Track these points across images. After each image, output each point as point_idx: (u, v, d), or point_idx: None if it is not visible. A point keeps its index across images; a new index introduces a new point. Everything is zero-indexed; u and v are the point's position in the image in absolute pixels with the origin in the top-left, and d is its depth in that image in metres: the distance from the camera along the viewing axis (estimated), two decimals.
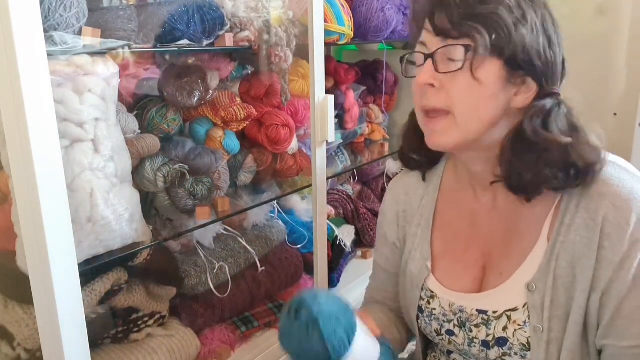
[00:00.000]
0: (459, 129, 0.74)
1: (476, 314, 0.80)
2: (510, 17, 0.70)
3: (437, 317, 0.85)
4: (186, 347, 1.12)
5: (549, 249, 0.75)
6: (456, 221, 0.87)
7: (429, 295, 0.86)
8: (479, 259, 0.83)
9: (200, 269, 1.18)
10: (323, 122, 1.23)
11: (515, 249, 0.79)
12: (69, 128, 0.84)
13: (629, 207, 0.70)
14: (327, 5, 1.34)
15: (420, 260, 0.88)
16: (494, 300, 0.78)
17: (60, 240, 0.76)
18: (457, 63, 0.71)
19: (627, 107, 1.75)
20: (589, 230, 0.72)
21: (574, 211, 0.74)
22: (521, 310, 0.76)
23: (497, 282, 0.79)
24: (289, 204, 1.54)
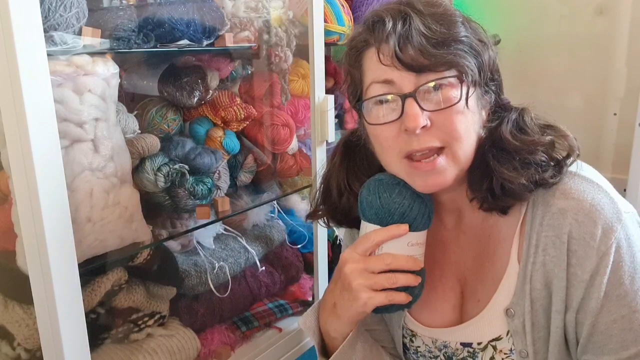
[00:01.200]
0: (456, 163, 0.69)
1: (461, 347, 0.78)
2: (471, 37, 0.68)
3: (423, 354, 0.83)
4: (186, 347, 1.11)
5: (521, 271, 0.72)
6: (426, 250, 0.81)
7: (410, 334, 0.84)
8: (455, 285, 0.80)
9: (200, 269, 1.18)
10: (323, 122, 1.23)
11: (488, 273, 0.76)
12: (69, 128, 0.84)
13: (592, 221, 0.67)
14: (327, 5, 1.34)
15: None
16: (476, 331, 0.76)
17: (60, 240, 0.76)
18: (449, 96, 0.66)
19: (627, 107, 1.75)
20: (556, 249, 0.69)
21: (539, 230, 0.71)
22: (505, 338, 0.74)
23: (476, 310, 0.76)
24: (289, 204, 1.54)
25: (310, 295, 1.40)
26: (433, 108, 0.66)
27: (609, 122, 1.83)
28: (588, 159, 0.74)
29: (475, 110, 0.69)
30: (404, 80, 0.66)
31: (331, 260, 1.45)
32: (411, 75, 0.66)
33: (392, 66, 0.66)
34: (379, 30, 0.67)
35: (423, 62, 0.65)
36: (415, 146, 0.67)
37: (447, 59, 0.65)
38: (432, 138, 0.67)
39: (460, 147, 0.68)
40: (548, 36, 1.92)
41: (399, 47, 0.65)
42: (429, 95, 0.66)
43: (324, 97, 1.23)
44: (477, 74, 0.67)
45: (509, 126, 0.71)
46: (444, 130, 0.67)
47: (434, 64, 0.65)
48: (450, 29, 0.66)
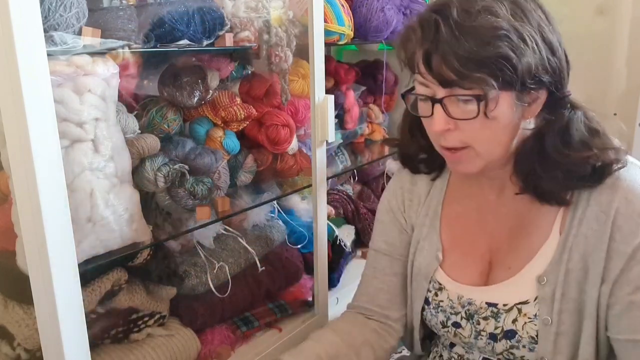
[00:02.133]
0: (481, 158, 0.75)
1: (485, 306, 0.80)
2: (511, 49, 0.67)
3: (444, 309, 0.85)
4: (186, 347, 1.11)
5: (561, 242, 0.75)
6: (463, 215, 0.87)
7: (437, 287, 0.86)
8: (486, 253, 0.83)
9: (200, 269, 1.18)
10: (323, 122, 1.23)
11: (524, 244, 0.79)
12: (69, 128, 0.84)
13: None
14: (327, 5, 1.34)
15: (429, 251, 0.88)
16: (504, 294, 0.79)
17: (60, 240, 0.76)
18: (469, 110, 0.70)
19: (627, 107, 1.75)
20: (600, 223, 0.72)
21: (585, 205, 0.74)
22: (532, 303, 0.76)
23: (505, 276, 0.80)
24: (289, 204, 1.54)
25: (310, 295, 1.40)
26: (458, 116, 0.72)
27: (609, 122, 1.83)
28: None
29: (507, 113, 0.72)
30: (435, 87, 0.72)
31: (331, 260, 1.45)
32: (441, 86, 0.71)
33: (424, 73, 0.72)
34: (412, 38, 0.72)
35: (449, 77, 0.69)
36: (442, 142, 0.76)
37: (472, 79, 0.68)
38: (455, 140, 0.74)
39: (483, 147, 0.74)
40: None
41: (427, 60, 0.70)
42: (457, 103, 0.71)
43: (324, 97, 1.23)
44: (508, 85, 0.68)
45: (553, 137, 0.74)
46: (468, 135, 0.73)
47: (459, 82, 0.69)
48: (481, 45, 0.66)
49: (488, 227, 0.84)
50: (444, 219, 0.89)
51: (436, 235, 0.88)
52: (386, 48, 1.69)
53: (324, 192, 1.29)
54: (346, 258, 1.59)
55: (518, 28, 0.68)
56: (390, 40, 1.59)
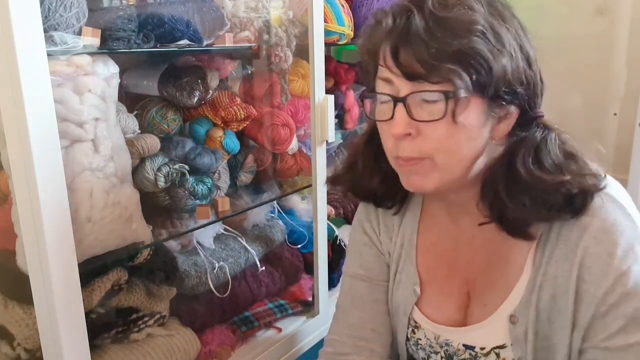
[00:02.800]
0: (439, 172, 0.67)
1: (463, 349, 0.77)
2: (487, 48, 0.62)
3: (424, 347, 0.82)
4: (186, 347, 1.11)
5: (531, 281, 0.71)
6: (438, 246, 0.82)
7: (414, 325, 0.83)
8: (463, 285, 0.79)
9: (200, 269, 1.18)
10: (323, 122, 1.23)
11: (499, 280, 0.75)
12: (69, 128, 0.84)
13: (611, 240, 0.66)
14: (327, 5, 1.34)
15: (406, 284, 0.83)
16: (481, 336, 0.75)
17: (60, 240, 0.76)
18: (436, 111, 0.63)
19: (627, 107, 1.75)
20: (569, 263, 0.68)
21: (554, 243, 0.70)
22: (509, 347, 0.73)
23: (482, 315, 0.75)
24: (289, 204, 1.54)
25: (310, 295, 1.40)
26: (422, 118, 0.65)
27: (609, 123, 1.83)
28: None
29: (475, 125, 0.65)
30: (401, 83, 0.65)
31: (331, 260, 1.45)
32: (407, 82, 0.64)
33: (389, 68, 0.65)
34: (379, 29, 0.66)
35: (418, 71, 0.63)
36: (400, 153, 0.68)
37: (441, 73, 0.61)
38: (415, 148, 0.66)
39: (444, 159, 0.66)
40: (548, 36, 1.91)
41: (395, 50, 0.64)
42: (421, 104, 0.65)
43: (324, 97, 1.23)
44: (480, 89, 0.63)
45: (525, 157, 0.68)
46: (429, 143, 0.66)
47: (427, 75, 0.62)
48: (457, 37, 0.61)
49: (463, 257, 0.79)
50: (419, 249, 0.83)
51: (413, 267, 0.83)
52: None
53: (324, 192, 1.30)
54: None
55: (495, 28, 0.63)
56: None
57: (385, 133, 0.70)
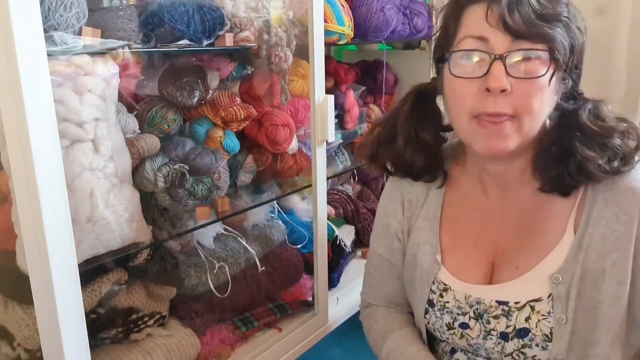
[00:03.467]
0: (522, 133, 0.71)
1: (496, 305, 0.79)
2: (571, 20, 0.71)
3: (451, 310, 0.84)
4: (186, 347, 1.11)
5: (576, 241, 0.75)
6: (464, 217, 0.86)
7: (442, 289, 0.85)
8: (490, 255, 0.82)
9: (200, 269, 1.18)
10: (323, 122, 1.23)
11: (534, 244, 0.78)
12: (69, 128, 0.84)
13: None
14: (327, 5, 1.34)
15: (429, 254, 0.87)
16: (515, 292, 0.78)
17: (60, 240, 0.76)
18: (535, 69, 0.69)
19: (627, 107, 1.75)
20: (622, 224, 0.73)
21: (602, 204, 0.74)
22: (545, 300, 0.76)
23: (512, 275, 0.79)
24: (289, 204, 1.54)
25: (310, 295, 1.40)
26: (518, 75, 0.69)
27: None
28: None
29: (554, 91, 0.72)
30: (499, 41, 0.69)
31: (331, 260, 1.45)
32: (507, 39, 0.68)
33: (495, 27, 0.69)
34: None
35: (523, 30, 0.68)
36: (489, 108, 0.70)
37: (546, 33, 0.67)
38: (507, 105, 0.70)
39: (529, 121, 0.71)
40: None
41: (508, 9, 0.68)
42: (517, 64, 0.69)
43: (324, 97, 1.23)
44: (567, 57, 0.70)
45: (586, 114, 0.74)
46: (521, 101, 0.69)
47: (532, 34, 0.68)
48: (556, 7, 0.69)
49: (492, 229, 0.83)
50: (443, 222, 0.87)
51: (435, 238, 0.86)
52: (386, 48, 1.69)
53: (324, 192, 1.30)
54: (346, 258, 1.59)
55: (574, 8, 0.72)
56: (390, 40, 1.59)
57: (465, 91, 0.72)
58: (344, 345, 1.74)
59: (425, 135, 0.84)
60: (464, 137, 0.77)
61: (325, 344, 1.41)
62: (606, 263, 0.73)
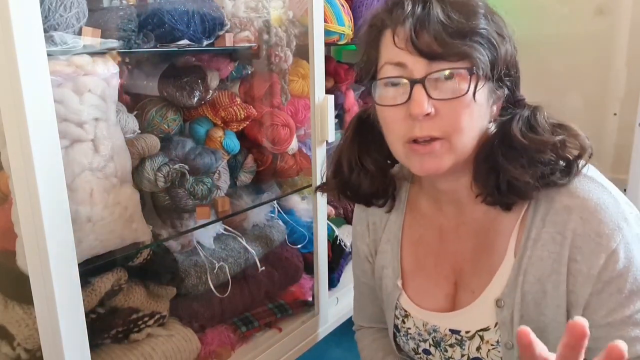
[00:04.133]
0: (454, 152, 0.69)
1: (449, 333, 0.79)
2: (493, 30, 0.68)
3: (413, 336, 0.83)
4: (186, 347, 1.11)
5: (516, 264, 0.73)
6: (425, 237, 0.84)
7: (403, 315, 0.84)
8: (450, 274, 0.81)
9: (200, 269, 1.18)
10: (323, 122, 1.23)
11: (485, 265, 0.77)
12: (69, 128, 0.84)
13: (597, 219, 0.68)
14: (327, 5, 1.34)
15: (391, 277, 0.86)
16: (466, 320, 0.77)
17: (60, 240, 0.76)
18: (456, 89, 0.66)
19: (627, 107, 1.75)
20: (557, 245, 0.70)
21: (540, 225, 0.72)
22: (493, 330, 0.74)
23: (469, 300, 0.77)
24: (289, 204, 1.54)
25: (310, 295, 1.40)
26: (440, 97, 0.67)
27: (609, 122, 1.83)
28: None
29: (484, 104, 0.70)
30: (416, 65, 0.67)
31: (331, 260, 1.45)
32: (423, 61, 0.66)
33: (406, 50, 0.67)
34: (397, 12, 0.68)
35: (436, 50, 0.65)
36: (417, 132, 0.68)
37: (461, 50, 0.65)
38: (434, 127, 0.68)
39: (459, 139, 0.69)
40: (548, 36, 1.92)
41: (414, 32, 0.66)
42: (439, 84, 0.67)
43: (324, 97, 1.23)
44: (490, 69, 0.67)
45: (519, 124, 0.71)
46: (448, 121, 0.68)
47: (447, 54, 0.65)
48: (470, 19, 0.66)
49: (450, 247, 0.81)
50: (405, 244, 0.86)
51: (397, 262, 0.85)
52: None
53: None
54: (346, 258, 1.59)
55: (493, 14, 0.70)
56: None
57: (394, 118, 0.71)
58: (344, 345, 1.73)
59: (368, 162, 0.81)
60: (401, 161, 0.75)
61: (325, 344, 1.41)
62: (546, 286, 0.71)
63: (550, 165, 0.70)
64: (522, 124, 0.71)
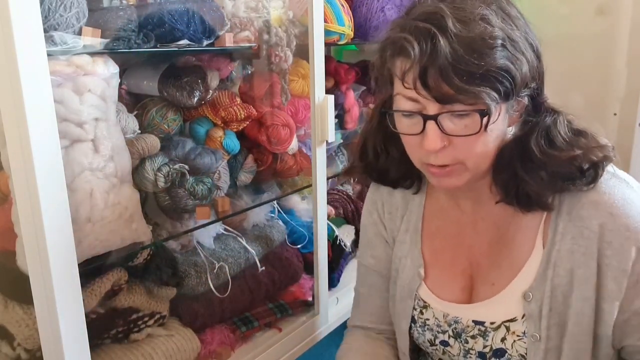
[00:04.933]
0: (470, 172, 0.72)
1: (472, 324, 0.79)
2: (509, 59, 0.64)
3: (431, 327, 0.83)
4: (186, 347, 1.11)
5: (545, 257, 0.74)
6: (442, 230, 0.85)
7: (422, 305, 0.84)
8: (466, 268, 0.82)
9: (200, 269, 1.18)
10: (323, 122, 1.23)
11: (507, 259, 0.77)
12: (69, 128, 0.84)
13: (625, 214, 0.70)
14: (327, 5, 1.34)
15: (411, 267, 0.86)
16: (490, 311, 0.77)
17: (60, 240, 0.76)
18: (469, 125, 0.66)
19: (627, 107, 1.75)
20: (585, 239, 0.71)
21: (567, 219, 0.73)
22: (520, 321, 0.75)
23: (489, 293, 0.78)
24: (289, 204, 1.54)
25: (310, 295, 1.40)
26: (454, 132, 0.67)
27: (609, 122, 1.83)
28: None
29: (500, 126, 0.70)
30: (429, 102, 0.67)
31: (331, 260, 1.45)
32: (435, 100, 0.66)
33: (416, 89, 0.66)
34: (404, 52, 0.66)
35: (447, 93, 0.64)
36: (432, 161, 0.71)
37: (473, 93, 0.63)
38: (448, 157, 0.69)
39: (475, 163, 0.71)
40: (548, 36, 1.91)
41: (422, 73, 0.64)
42: (452, 118, 0.67)
43: (324, 97, 1.23)
44: (506, 98, 0.66)
45: (538, 138, 0.71)
46: (462, 152, 0.69)
47: (458, 96, 0.64)
48: (482, 57, 0.63)
49: (467, 241, 0.82)
50: (424, 234, 0.87)
51: (417, 251, 0.86)
52: None
53: (324, 192, 1.29)
54: (346, 258, 1.59)
55: (512, 37, 0.66)
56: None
57: (412, 144, 0.73)
58: None
59: (393, 150, 0.83)
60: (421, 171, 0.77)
61: (325, 344, 1.41)
62: (575, 279, 0.72)
63: (570, 178, 0.71)
64: (541, 136, 0.72)
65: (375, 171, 0.87)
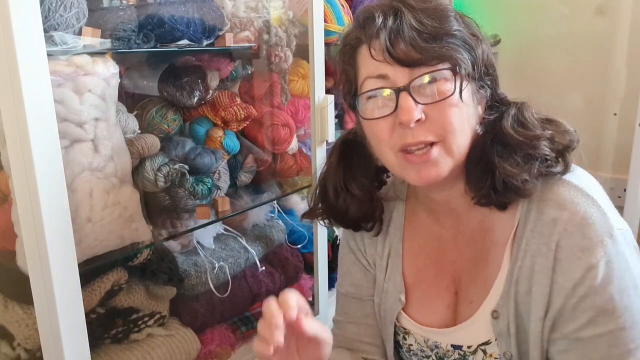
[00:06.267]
0: (450, 155, 0.69)
1: (452, 349, 0.78)
2: (466, 31, 0.69)
3: (416, 352, 0.83)
4: (186, 347, 1.12)
5: (508, 274, 0.72)
6: (425, 248, 0.83)
7: (403, 331, 0.84)
8: (450, 284, 0.80)
9: (200, 269, 1.18)
10: (323, 122, 1.23)
11: (482, 276, 0.76)
12: (69, 128, 0.84)
13: (581, 233, 0.67)
14: (327, 5, 1.35)
15: (393, 292, 0.84)
16: (467, 334, 0.76)
17: (60, 240, 0.76)
18: (442, 90, 0.66)
19: (627, 107, 1.75)
20: (543, 257, 0.69)
21: (530, 236, 0.71)
22: (494, 343, 0.74)
23: (468, 312, 0.76)
24: (289, 204, 1.54)
25: (310, 295, 1.40)
26: (427, 101, 0.66)
27: (609, 122, 1.84)
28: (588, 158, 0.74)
29: (471, 104, 0.70)
30: (398, 74, 0.67)
31: (331, 260, 1.45)
32: (404, 70, 0.66)
33: (385, 61, 0.67)
34: (370, 26, 0.68)
35: (415, 57, 0.66)
36: (409, 139, 0.68)
37: (440, 53, 0.65)
38: (426, 132, 0.67)
39: (454, 140, 0.68)
40: (548, 36, 1.92)
41: (390, 42, 0.66)
42: (423, 89, 0.67)
43: (324, 97, 1.23)
44: (471, 68, 0.68)
45: (509, 121, 0.71)
46: (438, 124, 0.67)
47: (426, 58, 0.66)
48: (442, 22, 0.67)
49: (449, 257, 0.80)
50: (405, 255, 0.84)
51: (399, 276, 0.84)
52: None
53: None
54: None
55: (463, 17, 0.70)
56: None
57: (383, 129, 0.70)
58: None
59: (354, 187, 0.81)
60: (396, 172, 0.74)
61: None
62: (533, 297, 0.70)
63: (545, 160, 0.69)
64: (512, 120, 0.71)
65: (336, 213, 0.84)
